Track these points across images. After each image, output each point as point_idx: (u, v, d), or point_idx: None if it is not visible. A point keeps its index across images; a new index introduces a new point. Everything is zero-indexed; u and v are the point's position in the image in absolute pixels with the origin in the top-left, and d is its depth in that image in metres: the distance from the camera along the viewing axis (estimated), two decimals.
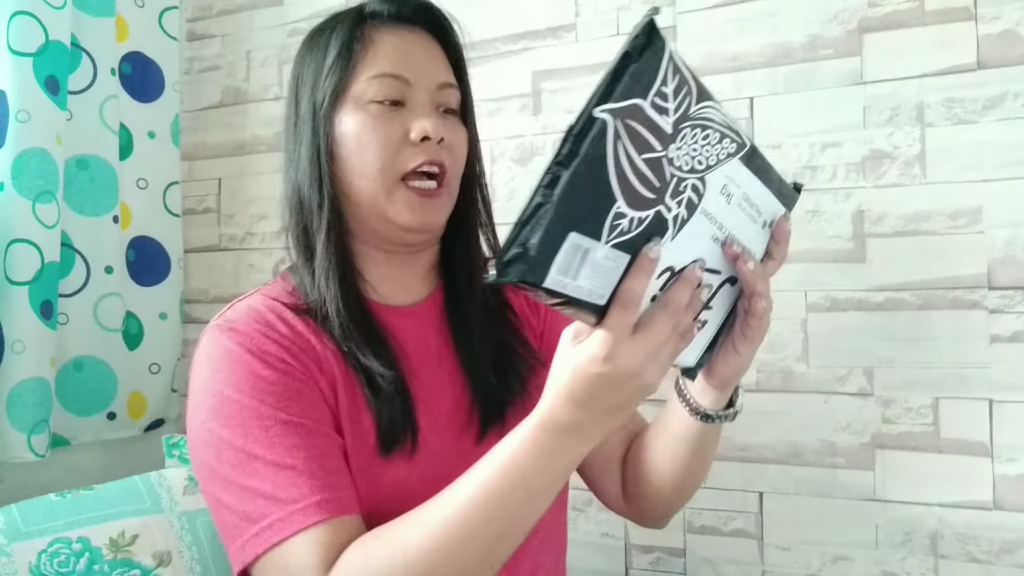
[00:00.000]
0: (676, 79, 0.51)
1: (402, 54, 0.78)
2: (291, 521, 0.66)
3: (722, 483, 1.17)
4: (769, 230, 0.65)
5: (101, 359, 1.37)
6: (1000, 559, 1.02)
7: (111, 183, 1.39)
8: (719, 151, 0.56)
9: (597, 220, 0.50)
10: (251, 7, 1.54)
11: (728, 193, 0.59)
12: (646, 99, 0.50)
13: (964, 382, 1.04)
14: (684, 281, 0.57)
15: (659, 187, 0.52)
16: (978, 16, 1.04)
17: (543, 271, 0.49)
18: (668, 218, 0.54)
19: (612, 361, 0.55)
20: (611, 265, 0.52)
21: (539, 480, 0.60)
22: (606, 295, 0.53)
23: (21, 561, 0.91)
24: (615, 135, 0.49)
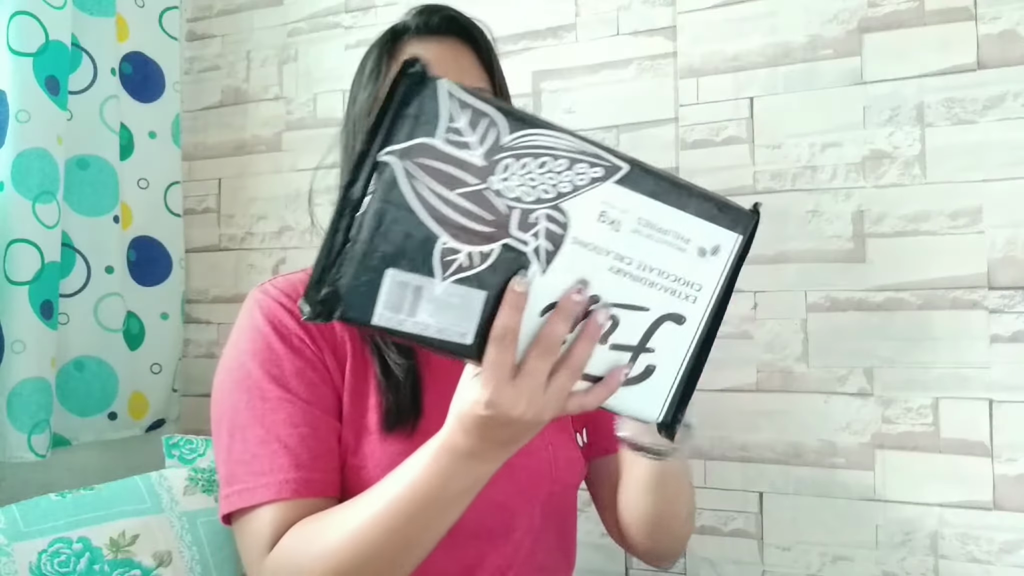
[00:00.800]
0: (467, 113, 0.52)
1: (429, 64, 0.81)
2: (258, 493, 0.72)
3: (722, 483, 1.17)
4: (718, 258, 0.60)
5: (102, 359, 1.37)
6: (1000, 559, 1.02)
7: (112, 183, 1.39)
8: (572, 178, 0.55)
9: (420, 256, 0.52)
10: (251, 7, 1.54)
11: (613, 220, 0.56)
12: (434, 136, 0.52)
13: (964, 382, 1.04)
14: (558, 313, 0.55)
15: (493, 220, 0.53)
16: (978, 16, 1.04)
17: (367, 309, 0.52)
18: (526, 251, 0.54)
19: (494, 407, 0.56)
20: (460, 302, 0.54)
21: (441, 497, 0.63)
22: (469, 333, 0.55)
23: (21, 561, 0.91)
24: (406, 175, 0.51)
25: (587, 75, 1.26)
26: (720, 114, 1.18)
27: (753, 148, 1.16)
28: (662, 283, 0.58)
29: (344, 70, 1.45)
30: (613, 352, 0.58)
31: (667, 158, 1.21)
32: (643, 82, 1.23)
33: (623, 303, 0.57)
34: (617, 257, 0.56)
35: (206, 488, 1.11)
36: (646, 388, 0.60)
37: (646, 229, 0.57)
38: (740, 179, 1.16)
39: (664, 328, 0.59)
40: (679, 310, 0.59)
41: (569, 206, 0.55)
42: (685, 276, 0.59)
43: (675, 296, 0.59)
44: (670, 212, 0.57)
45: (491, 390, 0.56)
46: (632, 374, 0.59)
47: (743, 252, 0.61)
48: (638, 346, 0.59)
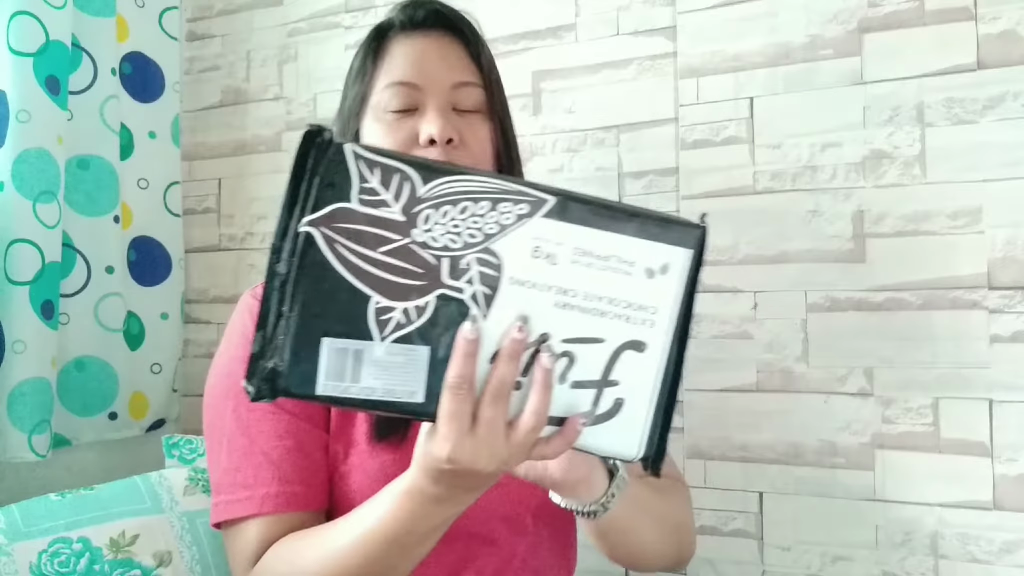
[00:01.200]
0: (378, 171, 0.52)
1: (412, 60, 0.80)
2: (244, 505, 0.73)
3: (722, 483, 1.17)
4: (668, 277, 0.57)
5: (102, 359, 1.37)
6: (1000, 559, 1.02)
7: (112, 183, 1.39)
8: (497, 218, 0.54)
9: (354, 320, 0.52)
10: (251, 7, 1.54)
11: (548, 253, 0.54)
12: (350, 200, 0.52)
13: (964, 382, 1.04)
14: (502, 356, 0.54)
15: (423, 272, 0.53)
16: (978, 16, 1.04)
17: (310, 381, 0.52)
18: (463, 299, 0.54)
19: (455, 462, 0.55)
20: (404, 360, 0.53)
21: (408, 537, 0.63)
22: (419, 391, 0.54)
23: (22, 561, 0.92)
24: (327, 241, 0.52)
25: (587, 75, 1.26)
26: (720, 114, 1.18)
27: (753, 148, 1.16)
28: (613, 311, 0.56)
29: (344, 70, 1.44)
30: (575, 391, 0.56)
31: (667, 158, 1.21)
32: (643, 82, 1.23)
33: (575, 337, 0.55)
34: (560, 291, 0.55)
35: (206, 488, 1.11)
36: (619, 424, 0.57)
37: (585, 258, 0.55)
38: (740, 179, 1.16)
39: (625, 358, 0.57)
40: (637, 336, 0.56)
41: (499, 247, 0.54)
42: (636, 300, 0.56)
43: (630, 323, 0.56)
44: (608, 237, 0.55)
45: (451, 445, 0.54)
46: (599, 411, 0.57)
47: (696, 267, 0.58)
48: (601, 380, 0.56)
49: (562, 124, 1.28)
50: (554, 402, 0.56)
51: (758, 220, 1.15)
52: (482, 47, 0.84)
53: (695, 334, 1.17)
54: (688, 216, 0.58)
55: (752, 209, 1.15)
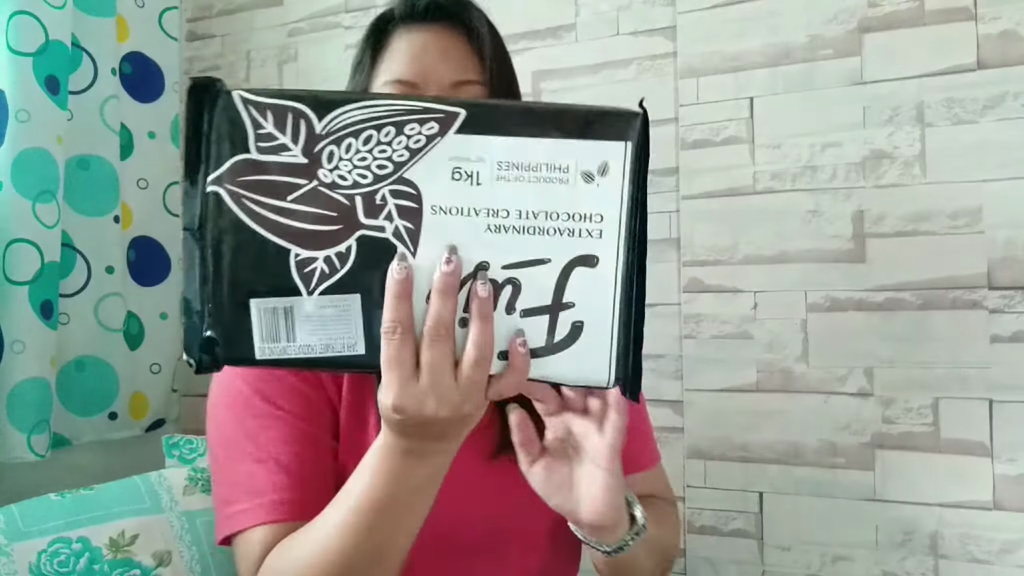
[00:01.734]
0: (271, 113, 0.49)
1: (412, 57, 0.76)
2: (253, 514, 0.70)
3: (722, 483, 1.17)
4: (610, 177, 0.50)
5: (102, 359, 1.37)
6: (1000, 559, 1.02)
7: (112, 183, 1.39)
8: (406, 142, 0.49)
9: (278, 277, 0.50)
10: (251, 7, 1.54)
11: (469, 173, 0.49)
12: (248, 151, 0.49)
13: (964, 382, 1.04)
14: (435, 292, 0.49)
15: (337, 216, 0.50)
16: (978, 16, 1.04)
17: (247, 346, 0.50)
18: (386, 237, 0.50)
19: (401, 410, 0.52)
20: (336, 312, 0.50)
21: (397, 499, 0.59)
22: (358, 342, 0.51)
23: (21, 561, 0.91)
24: (234, 198, 0.49)
25: (587, 75, 1.26)
26: (720, 114, 1.18)
27: (753, 148, 1.16)
28: (553, 226, 0.50)
29: (344, 70, 1.44)
30: (527, 320, 0.51)
31: (667, 158, 1.21)
32: (643, 82, 1.23)
33: (516, 262, 0.50)
34: (490, 213, 0.50)
35: (206, 488, 1.11)
36: (582, 349, 0.52)
37: (512, 172, 0.50)
38: (740, 179, 1.16)
39: (577, 276, 0.51)
40: (586, 250, 0.50)
41: (413, 174, 0.50)
42: (578, 210, 0.50)
43: (574, 236, 0.50)
44: (533, 144, 0.50)
45: (394, 393, 0.51)
46: (557, 338, 0.51)
47: (640, 160, 0.51)
48: (553, 305, 0.51)
49: None
50: (505, 335, 0.51)
51: (758, 220, 1.15)
52: (485, 40, 0.78)
53: (696, 333, 1.18)
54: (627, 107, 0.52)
55: (752, 209, 1.15)
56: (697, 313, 1.18)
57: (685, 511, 1.19)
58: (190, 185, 0.50)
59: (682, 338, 1.19)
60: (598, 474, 0.62)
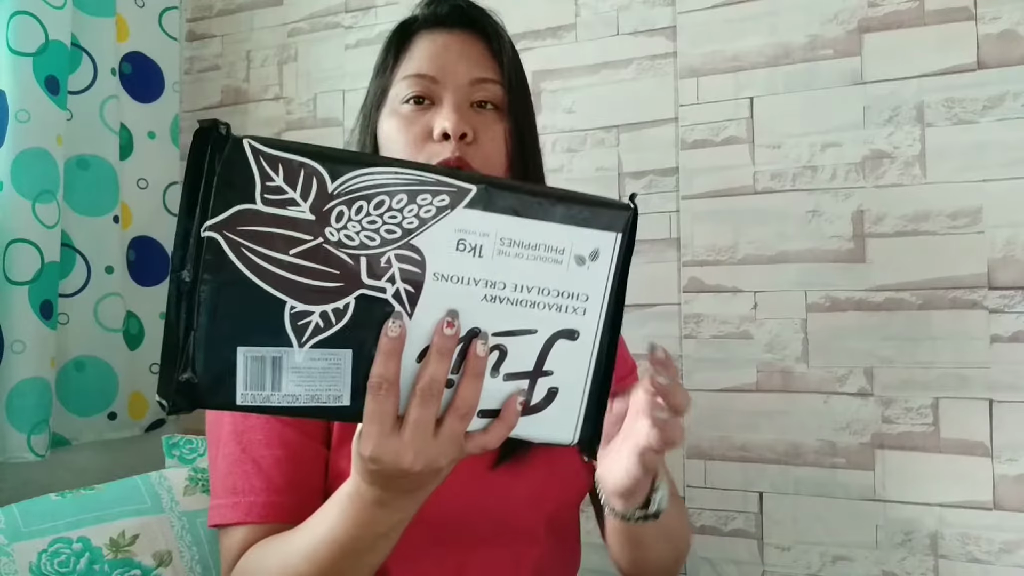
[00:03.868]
0: (282, 167, 0.49)
1: (432, 55, 0.80)
2: (233, 511, 0.73)
3: (722, 483, 1.17)
4: (599, 263, 0.55)
5: (102, 359, 1.37)
6: (1000, 559, 1.02)
7: (111, 183, 1.39)
8: (417, 211, 0.51)
9: (271, 327, 0.50)
10: (251, 7, 1.54)
11: (473, 246, 0.52)
12: (254, 201, 0.49)
13: (964, 382, 1.04)
14: (432, 353, 0.52)
15: (339, 273, 0.51)
16: (978, 16, 1.04)
17: (228, 393, 0.50)
18: (386, 298, 0.51)
19: (378, 462, 0.54)
20: (326, 365, 0.51)
21: (355, 543, 0.61)
22: (345, 395, 0.52)
23: (21, 561, 0.91)
24: (233, 246, 0.49)
25: (587, 75, 1.26)
26: (720, 114, 1.18)
27: (753, 148, 1.16)
28: (544, 301, 0.54)
29: (344, 70, 1.45)
30: (509, 383, 0.55)
31: (667, 158, 1.21)
32: (643, 82, 1.23)
33: (506, 330, 0.54)
34: (488, 284, 0.53)
35: (206, 488, 1.11)
36: (554, 412, 0.56)
37: (512, 248, 0.53)
38: (740, 179, 1.16)
39: (559, 347, 0.55)
40: (569, 325, 0.55)
41: (420, 241, 0.52)
42: (567, 289, 0.54)
43: (561, 312, 0.54)
44: (535, 225, 0.53)
45: (372, 445, 0.53)
46: (534, 400, 0.55)
47: (626, 250, 0.56)
48: (534, 371, 0.55)
49: (562, 124, 1.28)
50: (487, 395, 0.54)
51: (758, 220, 1.15)
52: (504, 45, 0.83)
53: (696, 333, 1.18)
54: (620, 198, 0.56)
55: (752, 209, 1.15)
56: (697, 313, 1.18)
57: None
58: (185, 227, 0.49)
59: (682, 338, 1.19)
60: (632, 456, 0.65)
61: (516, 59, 0.84)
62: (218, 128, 0.49)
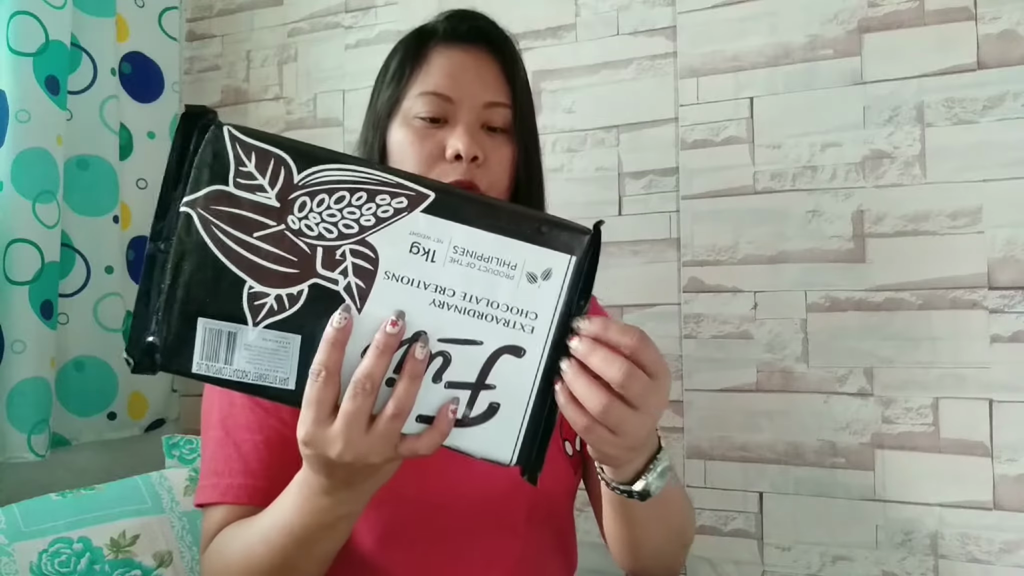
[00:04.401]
0: (255, 155, 0.53)
1: (449, 73, 0.81)
2: (212, 491, 0.76)
3: (722, 483, 1.17)
4: (551, 283, 0.55)
5: (101, 359, 1.37)
6: (1000, 559, 1.02)
7: (111, 183, 1.39)
8: (375, 210, 0.54)
9: (230, 303, 0.53)
10: (251, 7, 1.54)
11: (426, 250, 0.54)
12: (227, 183, 0.53)
13: (964, 382, 1.04)
14: (373, 348, 0.53)
15: (296, 261, 0.54)
16: (978, 16, 1.05)
17: (186, 359, 0.54)
18: (337, 290, 0.54)
19: (309, 446, 0.56)
20: (276, 347, 0.54)
21: (304, 531, 0.63)
22: (291, 378, 0.54)
23: (22, 561, 0.91)
24: (204, 223, 0.53)
25: (587, 75, 1.26)
26: (720, 114, 1.18)
27: (753, 148, 1.16)
28: (492, 314, 0.54)
29: (344, 70, 1.45)
30: (450, 391, 0.55)
31: (667, 158, 1.21)
32: (643, 82, 1.23)
33: (452, 338, 0.54)
34: (437, 289, 0.54)
35: None
36: (493, 428, 0.56)
37: (465, 258, 0.54)
38: (740, 179, 1.16)
39: (503, 362, 0.55)
40: (516, 342, 0.55)
41: (376, 240, 0.54)
42: (517, 305, 0.55)
43: (509, 327, 0.55)
44: (490, 238, 0.54)
45: (305, 429, 0.55)
46: (473, 413, 0.55)
47: (583, 273, 0.55)
48: (476, 383, 0.55)
49: (562, 124, 1.28)
50: (427, 401, 0.55)
51: (758, 220, 1.15)
52: (518, 68, 0.85)
53: (696, 333, 1.18)
54: (586, 222, 0.56)
55: (752, 209, 1.16)
56: (697, 313, 1.19)
57: None
58: (164, 201, 0.54)
59: (682, 338, 1.19)
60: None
61: (527, 84, 0.86)
62: (205, 114, 0.53)
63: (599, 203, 1.24)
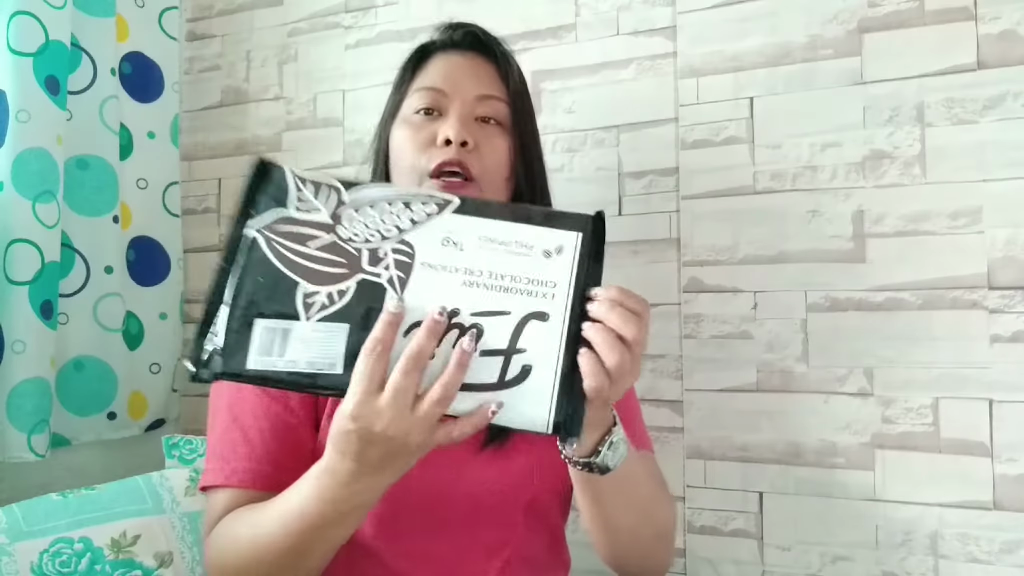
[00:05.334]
0: (309, 186, 0.65)
1: (444, 71, 0.88)
2: (217, 475, 0.79)
3: (722, 483, 1.17)
4: (563, 256, 0.65)
5: (101, 359, 1.37)
6: (1000, 559, 1.02)
7: (111, 183, 1.39)
8: (410, 215, 0.65)
9: (285, 303, 0.62)
10: (251, 7, 1.54)
11: (455, 242, 0.64)
12: (287, 207, 0.65)
13: (964, 382, 1.04)
14: (423, 331, 0.60)
15: (345, 262, 0.63)
16: (978, 16, 1.05)
17: (242, 357, 0.61)
18: (380, 282, 0.63)
19: (358, 420, 0.59)
20: (325, 336, 0.62)
21: (322, 519, 0.66)
22: (339, 363, 0.61)
23: (23, 561, 0.91)
24: (267, 241, 0.64)
25: (587, 75, 1.26)
26: (720, 114, 1.18)
27: (753, 148, 1.16)
28: (516, 287, 0.63)
29: (344, 70, 1.45)
30: (484, 359, 0.62)
31: (667, 158, 1.21)
32: (643, 82, 1.23)
33: (482, 311, 0.63)
34: (467, 271, 0.63)
35: None
36: (529, 388, 0.62)
37: (489, 244, 0.64)
38: (740, 179, 1.16)
39: (531, 327, 0.63)
40: (540, 308, 0.63)
41: (412, 237, 0.64)
42: (537, 276, 0.64)
43: (532, 296, 0.63)
44: (509, 227, 0.65)
45: (355, 402, 0.59)
46: (509, 376, 0.62)
47: (591, 249, 0.65)
48: (508, 348, 0.62)
49: (562, 124, 1.28)
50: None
51: (758, 220, 1.15)
52: (511, 70, 0.90)
53: (696, 333, 1.18)
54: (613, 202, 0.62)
55: (752, 209, 1.16)
56: (697, 313, 1.19)
57: (685, 511, 1.19)
58: (238, 231, 0.64)
59: (682, 338, 1.19)
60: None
61: (523, 84, 0.91)
62: (274, 164, 0.66)
63: (599, 203, 1.24)
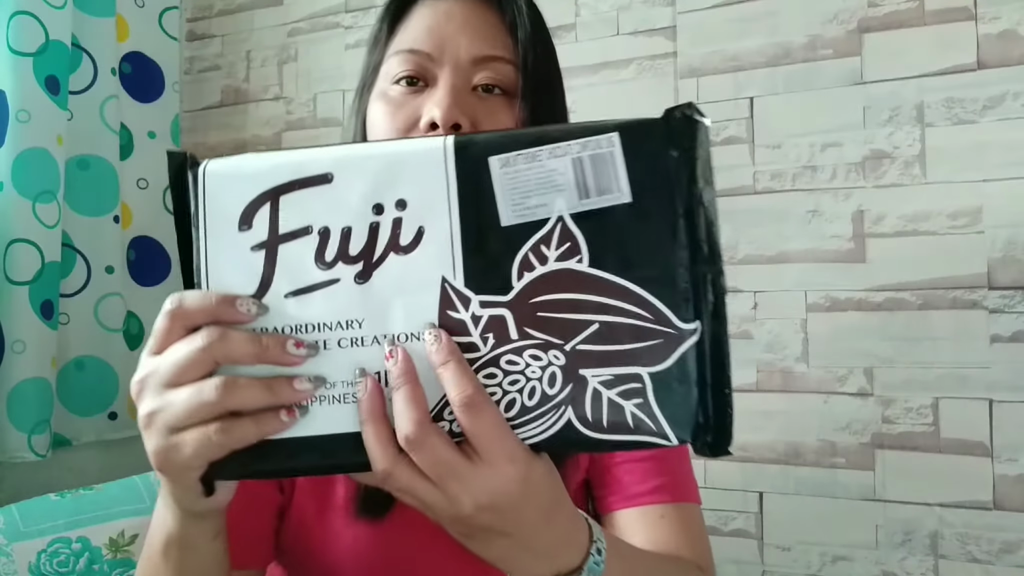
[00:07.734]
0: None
1: (431, 26, 0.64)
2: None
3: (722, 483, 1.17)
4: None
5: (102, 359, 1.37)
6: (1000, 559, 1.02)
7: (111, 183, 1.39)
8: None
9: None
10: (251, 7, 1.54)
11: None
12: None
13: (964, 382, 1.04)
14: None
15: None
16: (978, 16, 1.04)
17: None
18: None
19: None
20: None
21: (170, 545, 0.53)
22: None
23: (21, 561, 0.92)
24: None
25: (587, 75, 1.26)
26: (720, 114, 1.18)
27: (753, 148, 1.16)
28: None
29: (344, 70, 1.45)
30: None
31: None
32: (643, 82, 1.23)
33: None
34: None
35: None
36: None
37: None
38: (740, 179, 1.16)
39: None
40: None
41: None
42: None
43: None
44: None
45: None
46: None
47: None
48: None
49: None
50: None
51: (758, 220, 1.15)
52: (521, 17, 0.66)
53: None
54: None
55: (752, 209, 1.15)
56: None
57: None
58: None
59: None
60: None
61: (538, 34, 0.67)
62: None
63: None
